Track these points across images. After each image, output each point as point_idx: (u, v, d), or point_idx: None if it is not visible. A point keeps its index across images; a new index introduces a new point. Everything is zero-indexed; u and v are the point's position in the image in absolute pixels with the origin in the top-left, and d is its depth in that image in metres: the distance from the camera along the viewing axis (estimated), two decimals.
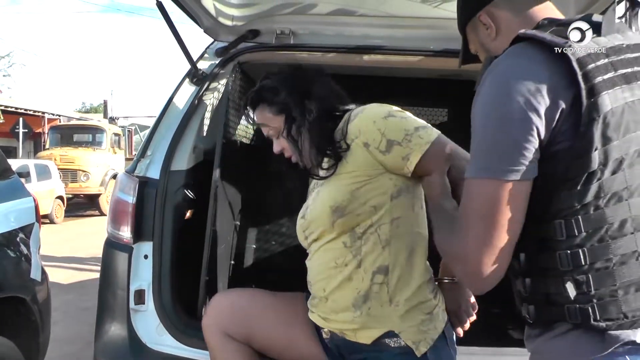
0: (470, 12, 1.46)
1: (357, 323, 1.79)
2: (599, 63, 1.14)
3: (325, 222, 1.80)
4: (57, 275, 7.23)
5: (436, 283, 1.89)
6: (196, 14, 2.70)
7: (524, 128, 1.14)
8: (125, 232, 2.45)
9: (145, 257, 2.45)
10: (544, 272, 1.20)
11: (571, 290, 1.16)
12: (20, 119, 20.43)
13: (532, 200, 1.19)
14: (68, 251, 9.58)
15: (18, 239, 2.98)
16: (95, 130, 18.99)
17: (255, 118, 2.04)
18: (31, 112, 23.38)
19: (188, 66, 2.80)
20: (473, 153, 1.24)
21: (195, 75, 2.80)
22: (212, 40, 3.00)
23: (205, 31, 2.89)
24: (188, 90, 2.78)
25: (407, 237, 1.80)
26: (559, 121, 1.14)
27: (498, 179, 1.17)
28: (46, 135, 20.81)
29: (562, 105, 1.14)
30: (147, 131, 2.90)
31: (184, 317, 2.42)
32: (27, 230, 3.11)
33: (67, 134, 18.92)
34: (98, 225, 5.26)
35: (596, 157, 1.12)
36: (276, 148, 1.99)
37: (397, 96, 2.32)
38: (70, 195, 16.60)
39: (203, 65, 2.88)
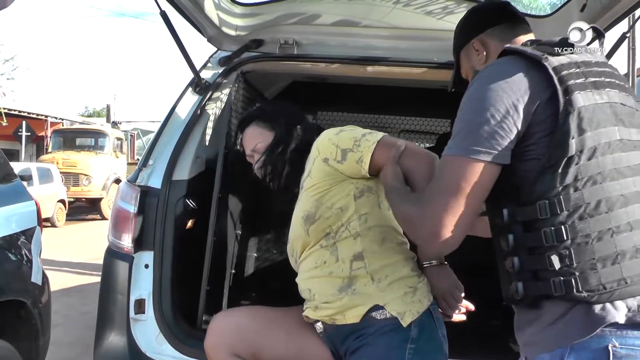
0: (466, 39, 1.72)
1: (345, 304, 1.88)
2: (571, 71, 1.36)
3: (301, 232, 1.96)
4: (58, 279, 7.23)
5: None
6: (200, 24, 2.71)
7: (499, 116, 1.34)
8: (126, 241, 2.45)
9: (146, 266, 2.45)
10: (531, 250, 1.34)
11: (556, 262, 1.30)
12: (24, 122, 20.43)
13: (518, 186, 1.36)
14: (69, 255, 9.57)
15: (19, 243, 2.97)
16: (97, 134, 19.00)
17: (245, 133, 2.23)
18: (34, 116, 23.40)
19: (191, 73, 2.80)
20: (452, 134, 1.42)
21: (198, 85, 2.80)
22: (216, 49, 3.00)
23: (208, 40, 2.89)
24: (191, 99, 2.78)
25: (377, 229, 1.93)
26: (536, 114, 1.34)
27: (469, 157, 1.35)
28: (49, 138, 20.78)
29: (538, 100, 1.34)
30: (150, 136, 2.90)
31: (184, 327, 2.42)
32: (28, 233, 3.11)
33: (70, 138, 18.94)
34: (99, 229, 5.28)
35: (573, 144, 1.30)
36: (254, 163, 2.20)
37: (400, 107, 2.32)
38: (72, 199, 16.60)
39: (206, 74, 2.88)
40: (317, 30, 2.98)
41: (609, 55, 2.58)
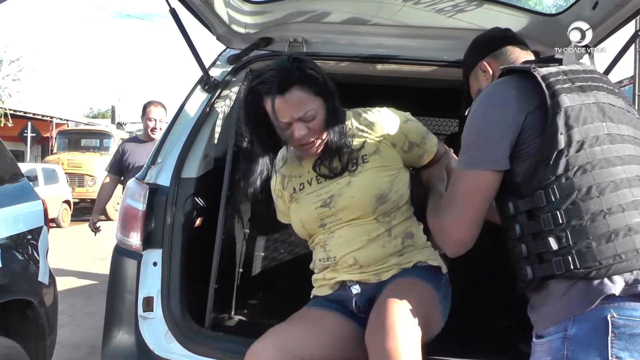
0: (473, 63, 1.98)
1: (395, 266, 2.11)
2: (558, 77, 1.58)
3: (367, 208, 2.09)
4: (63, 279, 7.24)
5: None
6: (209, 22, 2.70)
7: (493, 131, 1.60)
8: (135, 239, 2.44)
9: (155, 264, 2.43)
10: (535, 236, 1.53)
11: (554, 244, 1.48)
12: (29, 123, 20.52)
13: (519, 182, 1.57)
14: (74, 255, 9.59)
15: (27, 242, 2.98)
16: (102, 135, 19.07)
17: (289, 96, 2.01)
18: (39, 117, 23.50)
19: (197, 73, 2.80)
20: (461, 149, 1.69)
21: (207, 83, 2.78)
22: (225, 47, 2.99)
23: (217, 38, 2.88)
24: (200, 97, 2.77)
25: (411, 212, 2.25)
26: (526, 122, 1.56)
27: (470, 169, 1.63)
28: (54, 139, 20.90)
29: (528, 110, 1.57)
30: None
31: (192, 325, 2.40)
32: (35, 233, 3.11)
33: (75, 139, 19.01)
34: (104, 230, 5.26)
35: (562, 139, 1.50)
36: (302, 132, 2.05)
37: (409, 106, 2.31)
38: (77, 200, 16.64)
39: (215, 72, 2.87)
40: (326, 29, 2.97)
41: (620, 54, 2.58)
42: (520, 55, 1.90)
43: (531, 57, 1.92)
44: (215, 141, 2.82)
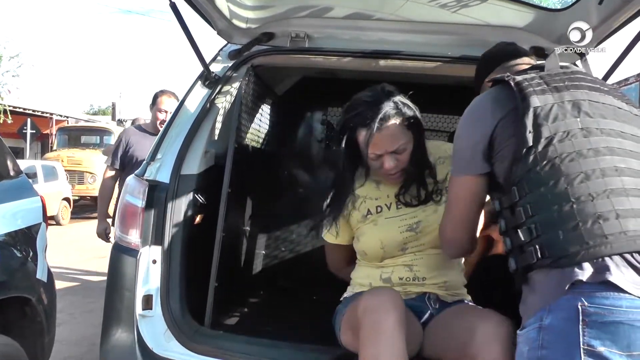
0: (481, 81, 2.10)
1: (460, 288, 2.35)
2: (532, 82, 1.70)
3: None
4: (63, 277, 7.23)
5: None
6: (210, 16, 2.68)
7: (470, 140, 1.77)
8: (134, 236, 2.43)
9: (154, 262, 2.42)
10: (515, 228, 1.61)
11: (526, 234, 1.57)
12: (28, 120, 20.51)
13: (501, 181, 1.68)
14: (73, 253, 9.58)
15: (25, 239, 2.96)
16: (103, 132, 19.03)
17: (386, 128, 2.14)
18: (39, 113, 23.50)
19: (197, 69, 2.81)
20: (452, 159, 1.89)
21: (207, 78, 2.78)
22: (226, 42, 2.98)
23: (218, 33, 2.86)
24: (200, 93, 2.76)
25: None
26: (498, 127, 1.70)
27: (459, 176, 1.83)
28: (54, 136, 20.90)
29: (500, 116, 1.70)
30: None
31: (192, 324, 2.39)
32: (34, 230, 3.10)
33: (75, 136, 18.99)
34: None
35: (530, 137, 1.60)
36: (392, 163, 2.18)
37: (413, 102, 2.29)
38: (77, 197, 16.62)
39: (216, 67, 2.86)
40: (329, 24, 2.95)
41: (628, 49, 2.55)
42: (519, 67, 1.98)
43: (533, 63, 2.02)
44: (216, 137, 2.81)
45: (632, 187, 1.53)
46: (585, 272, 1.45)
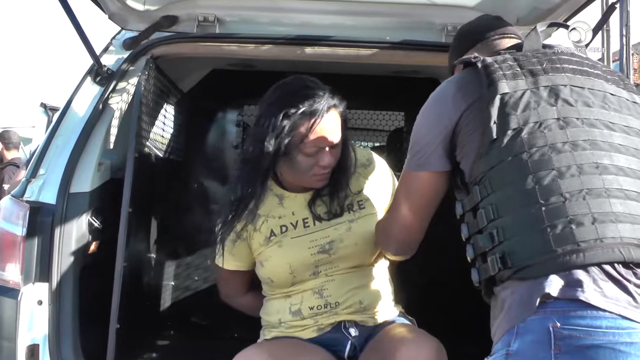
0: (453, 59, 2.02)
1: (390, 310, 2.38)
2: (503, 65, 1.68)
3: (368, 257, 2.34)
4: None
5: None
6: None
7: (430, 133, 1.76)
8: (13, 273, 2.35)
9: (40, 302, 2.35)
10: (476, 234, 1.62)
11: (487, 241, 1.56)
12: None
13: (461, 180, 1.71)
14: None
15: None
16: None
17: (327, 118, 2.17)
18: None
19: (89, 61, 2.70)
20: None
21: (98, 73, 2.70)
22: (120, 29, 2.92)
23: (110, 17, 2.80)
24: (90, 91, 2.69)
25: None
26: (462, 119, 1.68)
27: (414, 171, 1.83)
28: None
29: (466, 104, 1.68)
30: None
31: None
32: None
33: None
34: None
35: (494, 128, 1.59)
36: (331, 159, 2.21)
37: (346, 97, 2.27)
38: None
39: (108, 60, 2.79)
40: (244, 5, 2.92)
41: (599, 25, 2.60)
42: (503, 43, 1.94)
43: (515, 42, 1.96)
44: (112, 146, 2.76)
45: (615, 187, 1.51)
46: (553, 285, 1.43)
